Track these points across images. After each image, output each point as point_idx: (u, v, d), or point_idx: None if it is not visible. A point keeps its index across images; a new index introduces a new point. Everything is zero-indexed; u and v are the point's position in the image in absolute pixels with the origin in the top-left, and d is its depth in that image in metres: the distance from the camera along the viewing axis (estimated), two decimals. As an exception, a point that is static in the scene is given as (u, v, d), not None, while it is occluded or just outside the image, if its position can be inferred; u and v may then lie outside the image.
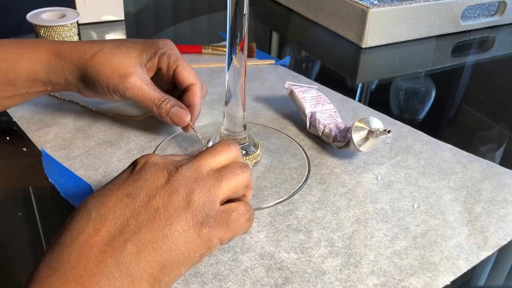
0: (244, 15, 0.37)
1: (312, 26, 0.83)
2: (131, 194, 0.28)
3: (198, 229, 0.28)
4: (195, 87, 0.46)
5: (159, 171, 0.29)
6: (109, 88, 0.44)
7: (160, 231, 0.27)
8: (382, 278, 0.34)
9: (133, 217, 0.27)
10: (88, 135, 0.49)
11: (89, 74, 0.44)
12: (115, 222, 0.27)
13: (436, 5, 0.76)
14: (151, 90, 0.44)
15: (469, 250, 0.37)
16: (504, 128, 0.57)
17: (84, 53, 0.44)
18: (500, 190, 0.44)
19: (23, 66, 0.44)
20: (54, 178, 0.42)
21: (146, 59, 0.46)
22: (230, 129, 0.44)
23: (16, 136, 0.48)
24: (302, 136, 0.51)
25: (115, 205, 0.28)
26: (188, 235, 0.28)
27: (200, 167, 0.30)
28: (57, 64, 0.44)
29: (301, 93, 0.51)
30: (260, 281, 0.33)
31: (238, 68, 0.40)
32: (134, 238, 0.26)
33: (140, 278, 0.26)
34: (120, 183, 0.29)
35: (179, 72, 0.46)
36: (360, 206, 0.41)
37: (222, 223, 0.29)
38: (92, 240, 0.26)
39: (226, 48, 0.39)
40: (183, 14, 0.93)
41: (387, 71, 0.71)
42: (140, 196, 0.28)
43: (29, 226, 0.39)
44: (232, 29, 0.38)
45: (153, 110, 0.45)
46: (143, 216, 0.27)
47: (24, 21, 0.62)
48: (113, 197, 0.28)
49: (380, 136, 0.43)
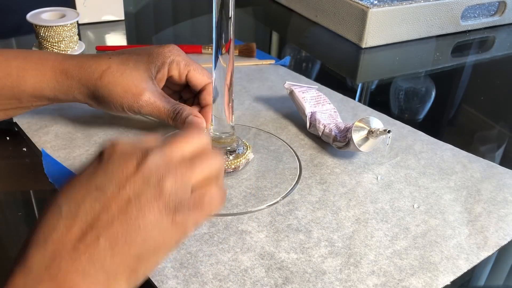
0: (230, 18, 0.37)
1: (312, 26, 0.83)
2: (100, 186, 0.27)
3: (171, 217, 0.27)
4: (210, 86, 0.46)
5: (128, 159, 0.28)
6: (124, 107, 0.44)
7: (133, 223, 0.26)
8: (382, 278, 0.34)
9: (104, 211, 0.26)
10: (88, 135, 0.49)
11: (101, 94, 0.44)
12: (86, 218, 0.26)
13: (436, 5, 0.76)
14: (164, 103, 0.45)
15: (469, 250, 0.37)
16: (504, 128, 0.57)
17: (92, 73, 0.44)
18: (500, 190, 0.44)
19: (28, 82, 0.44)
20: (54, 178, 0.42)
21: (155, 71, 0.46)
22: (218, 130, 0.43)
23: (16, 136, 0.48)
24: (302, 136, 0.51)
25: (84, 199, 0.27)
26: (161, 224, 0.27)
27: (171, 153, 0.29)
28: (64, 83, 0.44)
29: (301, 93, 0.51)
30: (260, 281, 0.33)
31: (224, 68, 0.39)
32: (107, 232, 0.26)
33: (116, 272, 0.26)
34: (88, 176, 0.28)
35: (192, 76, 0.47)
36: (360, 206, 0.41)
37: (195, 207, 0.29)
38: (64, 238, 0.25)
39: (213, 52, 0.39)
40: (183, 14, 0.93)
41: (387, 71, 0.71)
42: (110, 188, 0.27)
43: (29, 226, 0.39)
44: (218, 31, 0.38)
45: (170, 123, 0.45)
46: (114, 209, 0.26)
47: (24, 21, 0.62)
48: (82, 191, 0.27)
49: (380, 136, 0.43)
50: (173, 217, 0.28)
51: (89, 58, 0.45)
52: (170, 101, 0.45)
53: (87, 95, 0.45)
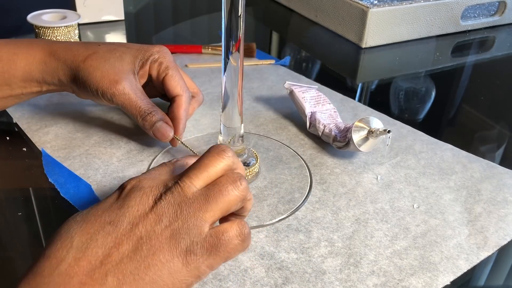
0: (240, 16, 0.36)
1: (312, 26, 0.83)
2: (114, 221, 0.27)
3: (182, 258, 0.27)
4: (180, 99, 0.45)
5: (144, 197, 0.28)
6: (98, 92, 0.43)
7: (142, 262, 0.26)
8: (382, 278, 0.34)
9: (115, 247, 0.26)
10: (88, 134, 0.49)
11: (81, 76, 0.43)
12: (97, 252, 0.26)
13: (436, 5, 0.76)
14: (138, 100, 0.44)
15: (469, 250, 0.37)
16: (504, 128, 0.57)
17: (78, 55, 0.44)
18: (500, 190, 0.44)
19: (18, 66, 0.44)
20: (54, 178, 0.42)
21: (139, 66, 0.45)
22: (226, 140, 0.42)
23: (16, 136, 0.48)
24: (302, 136, 0.51)
25: (97, 233, 0.26)
26: (172, 265, 0.26)
27: (185, 189, 0.28)
28: (51, 64, 0.44)
29: (301, 93, 0.51)
30: (260, 281, 0.33)
31: (235, 68, 0.38)
32: (116, 269, 0.25)
33: None
34: (104, 209, 0.28)
35: (166, 81, 0.45)
36: (360, 206, 0.41)
37: (210, 249, 0.27)
38: (72, 270, 0.25)
39: (222, 51, 0.38)
40: (183, 14, 0.93)
41: (387, 71, 0.71)
42: (123, 224, 0.27)
43: (29, 226, 0.39)
44: (228, 30, 0.36)
45: (138, 121, 0.44)
46: (125, 245, 0.26)
47: (24, 22, 0.62)
48: (96, 224, 0.27)
49: (380, 136, 0.43)
50: (184, 258, 0.27)
51: (79, 43, 0.46)
52: (146, 100, 0.44)
53: (70, 77, 0.44)
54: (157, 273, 0.26)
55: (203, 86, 0.60)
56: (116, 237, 0.26)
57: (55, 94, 0.56)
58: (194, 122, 0.52)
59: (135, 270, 0.25)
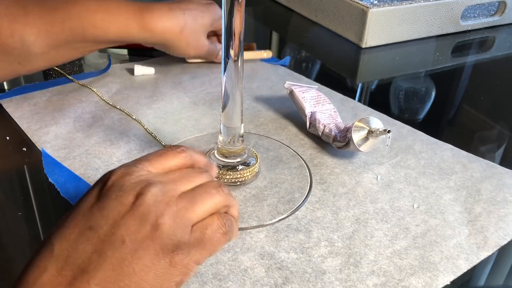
0: None
1: (312, 26, 0.83)
2: (94, 226, 0.26)
3: (170, 258, 0.26)
4: None
5: (125, 195, 0.26)
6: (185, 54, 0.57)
7: (126, 268, 0.25)
8: (382, 278, 0.34)
9: (96, 253, 0.25)
10: (88, 134, 0.49)
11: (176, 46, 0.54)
12: (78, 259, 0.25)
13: (436, 5, 0.76)
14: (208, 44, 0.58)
15: (469, 250, 0.37)
16: (504, 128, 0.57)
17: (173, 28, 0.52)
18: (500, 190, 0.44)
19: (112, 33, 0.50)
20: (54, 178, 0.42)
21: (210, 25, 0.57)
22: (226, 140, 0.42)
23: (16, 136, 0.49)
24: (302, 136, 0.51)
25: (77, 240, 0.25)
26: (158, 267, 0.25)
27: (173, 185, 0.28)
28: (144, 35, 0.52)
29: (301, 93, 0.51)
30: (260, 281, 0.33)
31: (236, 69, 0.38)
32: (98, 277, 0.24)
33: None
34: (84, 213, 0.27)
35: None
36: (360, 206, 0.41)
37: (196, 245, 0.27)
38: (55, 280, 0.24)
39: (222, 51, 0.38)
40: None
41: (387, 71, 0.71)
42: (104, 228, 0.25)
43: (29, 226, 0.39)
44: (228, 30, 0.37)
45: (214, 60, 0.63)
46: (107, 251, 0.25)
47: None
48: (76, 230, 0.26)
49: (380, 136, 0.43)
50: (172, 258, 0.26)
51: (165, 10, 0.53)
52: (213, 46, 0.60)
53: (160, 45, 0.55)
54: (144, 277, 0.25)
55: (203, 86, 0.60)
56: (97, 243, 0.25)
57: (55, 94, 0.56)
58: (194, 122, 0.52)
59: (119, 277, 0.25)
